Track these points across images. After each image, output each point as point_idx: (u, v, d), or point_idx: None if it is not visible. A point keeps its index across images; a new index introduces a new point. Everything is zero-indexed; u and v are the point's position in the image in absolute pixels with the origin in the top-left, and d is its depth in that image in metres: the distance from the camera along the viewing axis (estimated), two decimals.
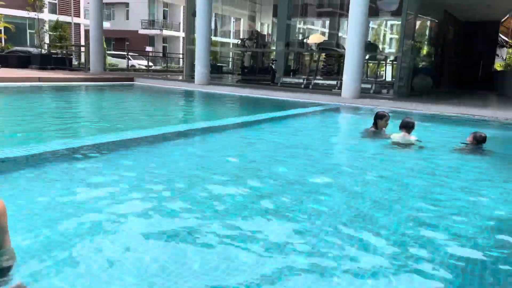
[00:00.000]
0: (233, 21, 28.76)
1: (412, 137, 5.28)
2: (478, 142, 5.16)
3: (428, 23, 17.67)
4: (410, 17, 13.80)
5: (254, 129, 6.49)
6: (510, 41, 21.57)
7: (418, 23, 15.80)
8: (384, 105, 10.03)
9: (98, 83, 13.16)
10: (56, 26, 20.37)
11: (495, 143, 5.50)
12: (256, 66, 17.81)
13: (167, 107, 9.73)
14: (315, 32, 22.97)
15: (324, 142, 5.87)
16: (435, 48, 18.76)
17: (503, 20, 21.37)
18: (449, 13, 19.37)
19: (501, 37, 22.72)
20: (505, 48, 22.72)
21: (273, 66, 17.22)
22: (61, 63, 17.92)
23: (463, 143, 5.36)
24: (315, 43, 17.36)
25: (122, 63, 25.85)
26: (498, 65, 23.53)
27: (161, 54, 36.76)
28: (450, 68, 21.66)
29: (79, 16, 31.96)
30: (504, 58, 22.96)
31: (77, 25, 31.99)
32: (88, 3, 17.74)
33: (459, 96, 14.45)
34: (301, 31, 20.11)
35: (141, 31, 40.39)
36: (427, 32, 18.16)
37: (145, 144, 4.70)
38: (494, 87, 20.38)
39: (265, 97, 11.68)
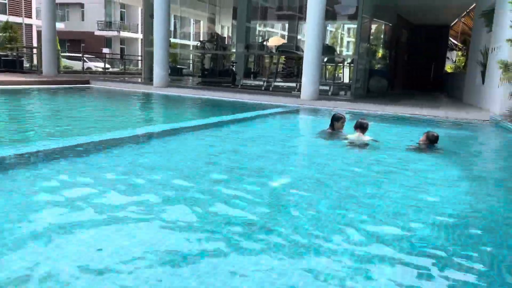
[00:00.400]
0: (193, 23, 28.56)
1: (367, 137, 5.44)
2: (431, 141, 5.38)
3: (383, 26, 18.28)
4: (366, 21, 14.20)
5: (214, 131, 6.46)
6: (459, 44, 22.64)
7: (373, 26, 16.32)
8: (342, 107, 10.26)
9: (51, 86, 12.66)
10: (6, 27, 19.44)
11: (447, 142, 5.75)
12: (216, 68, 17.74)
13: (123, 110, 9.50)
14: (275, 34, 23.22)
15: (282, 143, 5.92)
16: (389, 51, 19.43)
17: (452, 24, 22.42)
18: (402, 17, 20.12)
19: (451, 41, 23.83)
20: (454, 51, 23.82)
21: (234, 68, 17.22)
22: (12, 65, 17.13)
23: (412, 141, 5.58)
24: (275, 46, 17.53)
25: (77, 66, 25.03)
26: (449, 67, 24.65)
27: (118, 56, 35.89)
28: (404, 70, 22.49)
29: (30, 17, 30.67)
30: (454, 60, 24.08)
31: (29, 26, 30.68)
32: (40, 3, 17.04)
33: (412, 97, 15.02)
34: (261, 33, 20.26)
35: (98, 33, 39.28)
36: (381, 36, 18.78)
37: (98, 148, 4.56)
38: (445, 89, 21.37)
39: (226, 99, 11.66)
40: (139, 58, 30.72)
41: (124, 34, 40.10)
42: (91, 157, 4.20)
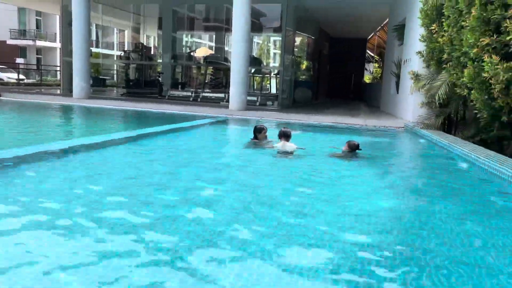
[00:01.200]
0: (117, 33, 27.62)
1: (292, 145, 5.58)
2: (352, 149, 5.66)
3: (306, 39, 19.02)
4: (290, 34, 14.68)
5: (140, 143, 6.22)
6: (375, 56, 24.25)
7: (297, 39, 16.92)
8: (269, 116, 10.46)
9: None
10: None
11: (367, 148, 6.05)
12: (142, 79, 17.26)
13: (38, 124, 8.83)
14: (203, 45, 23.16)
15: (210, 153, 5.86)
16: (313, 63, 20.24)
17: (369, 37, 23.98)
18: (324, 30, 21.13)
19: (368, 53, 25.47)
20: (372, 63, 25.48)
21: (160, 79, 16.88)
22: None
23: (337, 148, 5.82)
24: (202, 56, 17.48)
25: None
26: (367, 78, 26.28)
27: (35, 67, 33.60)
28: (327, 81, 23.58)
29: None
30: (372, 71, 25.74)
31: None
32: None
33: (335, 106, 15.75)
34: (188, 44, 20.09)
35: (10, 41, 36.46)
36: (305, 48, 19.52)
37: (9, 166, 4.18)
38: (364, 98, 22.70)
39: (153, 110, 11.35)
40: (58, 68, 29.01)
41: (40, 43, 37.62)
42: None
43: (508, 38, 4.91)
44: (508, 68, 4.96)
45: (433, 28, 7.80)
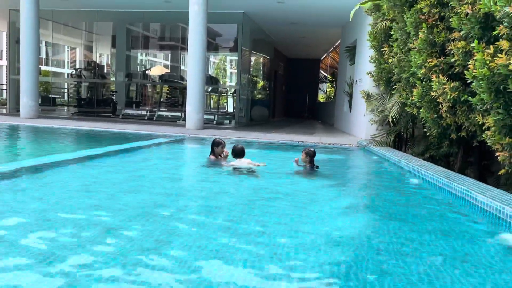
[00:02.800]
0: (68, 50, 26.79)
1: (247, 161, 5.60)
2: (311, 156, 5.75)
3: (262, 59, 19.34)
4: (245, 53, 14.89)
5: (91, 164, 5.99)
6: (329, 76, 25.00)
7: (253, 59, 17.17)
8: (227, 135, 10.43)
9: None
10: None
11: (323, 164, 6.16)
12: (94, 98, 16.78)
13: None
14: (158, 64, 22.94)
15: (166, 173, 5.74)
16: (269, 82, 20.57)
17: (322, 58, 24.75)
18: (279, 50, 21.61)
19: (322, 73, 26.24)
20: (325, 83, 26.24)
21: (114, 98, 16.49)
22: None
23: (298, 164, 5.90)
24: (158, 75, 17.31)
25: None
26: (321, 97, 26.99)
27: None
28: (283, 100, 24.01)
29: None
30: (325, 91, 26.48)
31: None
32: None
33: (290, 124, 16.00)
34: (143, 62, 19.83)
35: None
36: (261, 67, 19.83)
37: None
38: (319, 116, 23.28)
39: (106, 129, 11.00)
40: (4, 87, 27.60)
41: None
42: None
43: (453, 59, 5.21)
44: (454, 87, 5.26)
45: (384, 49, 8.17)
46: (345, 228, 3.42)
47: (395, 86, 7.98)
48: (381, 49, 8.50)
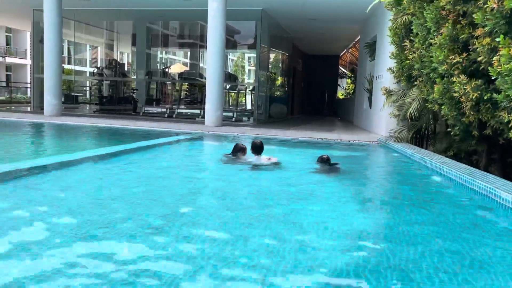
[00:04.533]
0: (89, 49, 27.29)
1: (264, 157, 5.62)
2: (324, 163, 5.74)
3: (280, 56, 19.29)
4: (264, 50, 14.87)
5: (114, 161, 6.11)
6: (348, 72, 24.77)
7: (271, 56, 17.14)
8: (245, 132, 10.47)
9: None
10: None
11: (342, 162, 6.13)
12: (115, 96, 17.04)
13: (6, 142, 8.56)
14: (177, 62, 23.14)
15: (187, 170, 5.81)
16: (287, 79, 20.51)
17: (341, 54, 24.52)
18: (298, 47, 21.50)
19: (341, 69, 26.00)
20: (344, 79, 26.01)
21: (134, 96, 16.72)
22: None
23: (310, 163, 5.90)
24: (177, 73, 17.46)
25: None
26: (340, 94, 26.76)
27: (4, 84, 32.73)
28: (301, 96, 23.90)
29: None
30: (345, 87, 26.24)
31: None
32: None
33: (309, 122, 15.94)
34: (162, 60, 20.04)
35: None
36: (280, 64, 19.78)
37: None
38: (338, 113, 23.10)
39: (127, 127, 11.18)
40: (28, 85, 28.31)
41: (10, 60, 36.76)
42: None
43: (479, 58, 5.06)
44: (476, 86, 5.15)
45: (405, 44, 8.05)
46: (365, 225, 3.41)
47: (415, 82, 7.86)
48: (402, 45, 8.38)
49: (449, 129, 6.51)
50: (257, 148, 5.71)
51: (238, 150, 5.99)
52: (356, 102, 16.15)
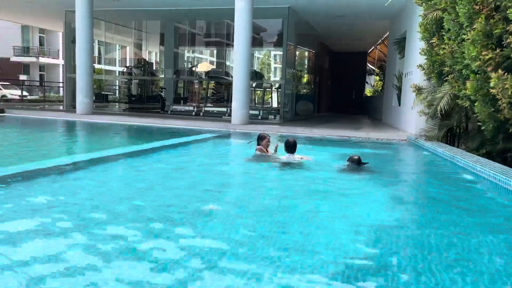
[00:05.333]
0: (119, 49, 27.88)
1: (297, 156, 5.60)
2: (354, 163, 5.67)
3: (307, 53, 19.16)
4: (291, 48, 14.80)
5: (144, 158, 6.24)
6: (376, 69, 24.36)
7: (298, 53, 17.04)
8: (271, 130, 10.46)
9: None
10: None
11: (371, 161, 6.05)
12: (144, 94, 17.35)
13: (42, 139, 8.86)
14: (204, 60, 23.36)
15: (214, 168, 5.86)
16: (314, 76, 20.35)
17: (369, 51, 24.14)
18: (325, 44, 21.30)
19: (369, 66, 25.60)
20: (373, 76, 25.59)
21: (163, 94, 16.97)
22: None
23: (341, 160, 5.84)
24: (204, 71, 17.62)
25: None
26: (368, 91, 26.36)
27: (38, 83, 33.86)
28: (328, 94, 23.66)
29: None
30: (372, 84, 25.83)
31: None
32: None
33: (336, 120, 15.77)
34: (189, 59, 20.26)
35: (14, 59, 36.81)
36: (306, 62, 19.66)
37: (16, 182, 4.19)
38: (366, 111, 22.76)
39: (155, 125, 11.39)
40: (61, 84, 29.18)
41: (43, 60, 37.98)
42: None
43: None
44: None
45: (434, 41, 7.86)
46: (396, 225, 3.36)
47: (446, 78, 7.66)
48: (432, 41, 8.18)
49: (481, 126, 6.31)
50: (291, 147, 5.71)
51: (260, 138, 6.04)
52: (384, 99, 15.87)
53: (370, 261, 2.53)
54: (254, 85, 15.70)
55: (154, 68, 20.74)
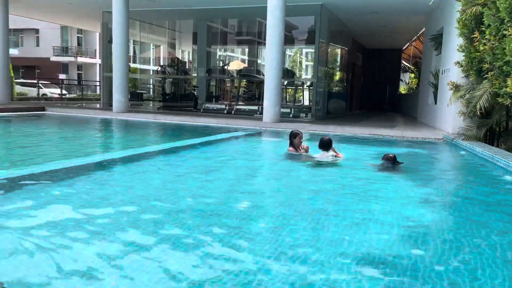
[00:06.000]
0: (153, 48, 28.45)
1: (331, 153, 5.58)
2: (390, 161, 5.58)
3: (339, 50, 18.93)
4: (323, 45, 14.67)
5: (179, 155, 6.36)
6: (411, 66, 23.77)
7: (330, 50, 16.86)
8: (303, 128, 10.39)
9: (4, 114, 12.13)
10: None
11: (406, 160, 5.93)
12: (177, 93, 17.65)
13: (80, 137, 9.19)
14: (235, 59, 23.49)
15: (247, 166, 5.91)
16: (346, 74, 20.08)
17: (404, 48, 23.58)
18: (357, 41, 20.98)
19: (403, 63, 25.00)
20: (407, 73, 24.98)
21: (195, 93, 17.20)
22: None
23: (374, 158, 5.76)
24: (236, 70, 17.73)
25: (32, 92, 24.22)
26: (403, 88, 25.76)
27: (76, 82, 35.07)
28: (360, 92, 23.31)
29: None
30: (407, 82, 25.22)
31: None
32: None
33: (369, 118, 15.52)
34: (221, 58, 20.43)
35: (54, 58, 38.29)
36: (338, 59, 19.42)
37: (57, 178, 4.37)
38: (400, 109, 22.27)
39: (188, 123, 11.58)
40: (97, 83, 30.10)
41: (81, 59, 39.31)
42: (54, 186, 4.01)
43: None
44: None
45: (475, 36, 7.60)
46: (430, 225, 3.29)
47: (486, 76, 7.40)
48: (471, 37, 7.92)
49: None
50: (325, 145, 5.68)
51: (293, 135, 6.02)
52: (420, 97, 15.48)
53: (405, 260, 2.49)
54: (285, 83, 15.66)
55: (187, 67, 21.04)
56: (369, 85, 23.91)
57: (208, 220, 3.20)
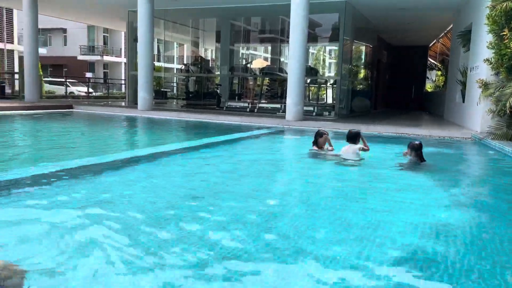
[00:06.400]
0: (176, 47, 28.78)
1: (358, 145, 5.56)
2: (415, 150, 5.47)
3: (364, 48, 18.69)
4: (347, 43, 14.51)
5: (203, 153, 6.42)
6: (438, 64, 23.24)
7: (354, 48, 16.66)
8: (326, 127, 10.32)
9: (33, 112, 12.51)
10: None
11: (434, 159, 5.82)
12: (201, 91, 17.80)
13: (107, 134, 9.39)
14: (258, 57, 23.51)
15: (271, 165, 5.91)
16: (371, 71, 19.81)
17: (431, 44, 23.08)
18: (382, 38, 20.65)
19: (430, 61, 24.47)
20: (434, 71, 24.44)
21: (218, 91, 17.31)
22: None
23: (399, 156, 5.69)
24: (258, 68, 17.74)
25: (60, 90, 24.85)
26: (429, 86, 25.23)
27: (102, 80, 35.82)
28: (385, 90, 22.94)
29: (12, 42, 30.47)
30: (434, 80, 24.68)
31: (10, 52, 30.47)
32: (22, 29, 16.96)
33: (395, 116, 15.27)
34: (244, 56, 20.47)
35: (80, 57, 39.21)
36: (363, 56, 19.17)
37: (87, 174, 4.48)
38: (426, 107, 21.83)
39: (212, 121, 11.67)
40: (123, 82, 30.67)
41: (107, 58, 40.11)
42: (85, 183, 4.12)
43: None
44: None
45: (504, 33, 7.38)
46: (458, 225, 3.22)
47: None
48: (502, 33, 7.68)
49: None
50: (352, 137, 5.64)
51: (318, 134, 5.99)
52: (447, 95, 15.14)
53: (431, 259, 2.45)
54: (308, 81, 15.57)
55: (210, 65, 21.19)
56: (395, 82, 23.52)
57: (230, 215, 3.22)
